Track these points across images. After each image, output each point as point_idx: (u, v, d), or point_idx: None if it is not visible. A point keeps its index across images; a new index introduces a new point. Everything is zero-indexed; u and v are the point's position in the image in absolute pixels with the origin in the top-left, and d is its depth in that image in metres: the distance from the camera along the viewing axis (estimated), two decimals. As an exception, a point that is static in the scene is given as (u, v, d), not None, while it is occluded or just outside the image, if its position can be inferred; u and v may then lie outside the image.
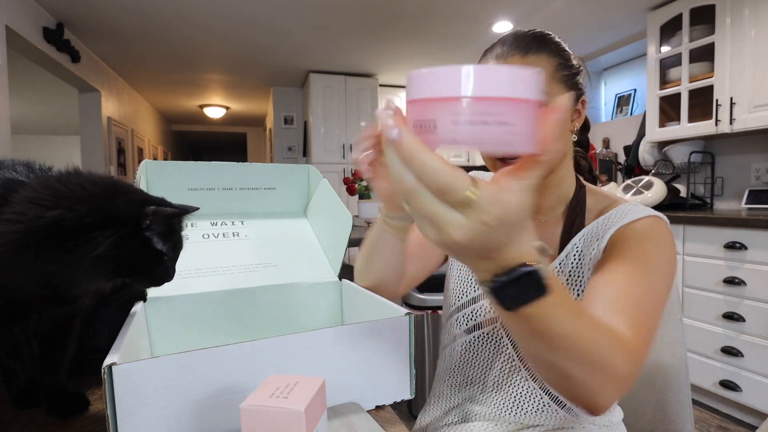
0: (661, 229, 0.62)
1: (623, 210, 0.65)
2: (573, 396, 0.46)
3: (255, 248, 0.88)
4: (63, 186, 0.49)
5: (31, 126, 6.71)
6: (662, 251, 0.59)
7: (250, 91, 5.12)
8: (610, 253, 0.61)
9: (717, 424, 1.99)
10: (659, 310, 0.56)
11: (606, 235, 0.63)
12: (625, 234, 0.61)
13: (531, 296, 0.36)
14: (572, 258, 0.67)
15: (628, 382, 0.46)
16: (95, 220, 0.48)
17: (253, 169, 0.93)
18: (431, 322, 1.98)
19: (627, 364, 0.45)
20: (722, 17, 2.32)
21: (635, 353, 0.48)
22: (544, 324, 0.39)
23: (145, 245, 0.52)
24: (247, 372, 0.50)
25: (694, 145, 2.62)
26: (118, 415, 0.43)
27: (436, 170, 0.30)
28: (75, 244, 0.47)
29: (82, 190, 0.49)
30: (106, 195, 0.50)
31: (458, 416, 0.77)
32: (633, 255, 0.58)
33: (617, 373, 0.45)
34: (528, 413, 0.69)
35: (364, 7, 2.83)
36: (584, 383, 0.44)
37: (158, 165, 0.83)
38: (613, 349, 0.44)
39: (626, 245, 0.60)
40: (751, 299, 1.90)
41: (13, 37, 2.52)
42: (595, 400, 0.45)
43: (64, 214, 0.46)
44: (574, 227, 0.68)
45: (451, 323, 0.79)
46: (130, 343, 0.52)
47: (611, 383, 0.45)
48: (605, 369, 0.44)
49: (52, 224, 0.46)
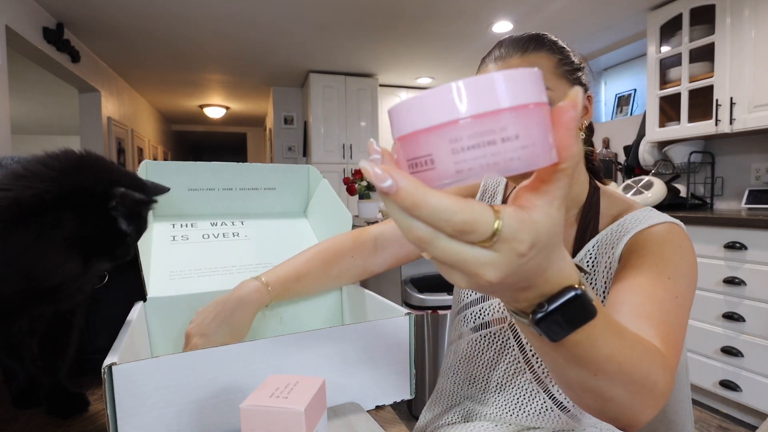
0: (680, 234, 0.59)
1: (638, 216, 0.63)
2: (611, 416, 0.43)
3: (255, 248, 0.88)
4: (22, 168, 0.48)
5: (31, 126, 6.71)
6: (683, 256, 0.56)
7: (250, 91, 5.12)
8: (627, 260, 0.58)
9: (717, 424, 1.99)
10: (686, 318, 0.52)
11: (621, 243, 0.61)
12: (641, 240, 0.59)
13: (580, 322, 0.33)
14: (585, 264, 0.65)
15: (666, 396, 0.44)
16: (55, 196, 0.46)
17: (253, 169, 0.93)
18: (431, 322, 1.98)
19: (665, 378, 0.43)
20: (722, 17, 2.32)
21: (670, 366, 0.45)
22: (588, 349, 0.35)
23: (109, 224, 0.51)
24: (247, 372, 0.50)
25: (694, 145, 2.62)
26: (118, 414, 0.43)
27: (450, 210, 0.25)
28: (40, 224, 0.46)
29: (44, 168, 0.48)
30: (70, 171, 0.48)
31: (459, 415, 0.77)
32: (654, 259, 0.55)
33: (657, 390, 0.42)
34: (530, 415, 0.69)
35: (364, 7, 2.83)
36: (626, 403, 0.41)
37: (158, 165, 0.83)
38: (654, 366, 0.42)
39: (644, 251, 0.57)
40: (751, 299, 1.90)
41: (13, 37, 2.52)
42: (637, 419, 0.43)
43: (21, 192, 0.45)
44: (588, 231, 0.66)
45: (459, 320, 0.79)
46: (130, 343, 0.52)
47: (652, 400, 0.42)
48: (646, 387, 0.41)
49: (9, 206, 0.44)
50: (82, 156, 0.52)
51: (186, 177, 0.87)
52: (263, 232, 0.92)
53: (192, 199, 0.88)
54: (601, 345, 0.36)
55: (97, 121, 3.87)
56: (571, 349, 0.35)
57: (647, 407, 0.42)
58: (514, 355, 0.70)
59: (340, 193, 3.93)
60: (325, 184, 0.94)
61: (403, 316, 0.59)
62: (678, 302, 0.51)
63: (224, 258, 0.84)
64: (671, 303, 0.50)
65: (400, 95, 4.68)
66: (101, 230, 0.50)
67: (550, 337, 0.33)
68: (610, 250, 0.62)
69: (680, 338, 0.50)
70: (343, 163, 4.36)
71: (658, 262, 0.54)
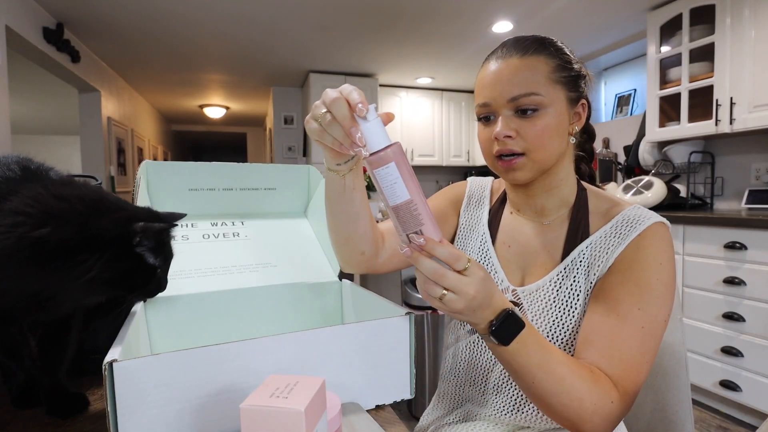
0: (663, 246, 0.62)
1: (628, 218, 0.65)
2: (563, 422, 0.55)
3: (255, 248, 0.88)
4: (53, 200, 0.49)
5: (31, 126, 6.71)
6: (659, 277, 0.61)
7: (250, 91, 5.12)
8: (612, 277, 0.63)
9: (717, 424, 1.99)
10: (654, 341, 0.59)
11: (614, 253, 0.63)
12: (629, 258, 0.62)
13: (516, 329, 0.51)
14: (578, 265, 0.67)
15: (615, 413, 0.54)
16: (79, 243, 0.47)
17: (253, 169, 0.93)
18: (431, 322, 1.98)
19: (605, 397, 0.54)
20: (722, 17, 2.33)
21: (618, 387, 0.56)
22: (523, 357, 0.52)
23: (137, 261, 0.52)
24: (247, 371, 0.50)
25: (694, 145, 2.62)
26: (118, 412, 0.44)
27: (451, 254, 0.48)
28: (61, 264, 0.47)
29: (71, 207, 0.49)
30: (91, 214, 0.49)
31: (459, 416, 0.77)
32: (631, 288, 0.60)
33: (597, 405, 0.53)
34: (526, 416, 0.69)
35: (364, 7, 2.83)
36: (564, 412, 0.53)
37: (158, 165, 0.83)
38: (586, 383, 0.53)
39: (628, 273, 0.61)
40: (751, 299, 1.90)
41: (13, 37, 2.52)
42: (582, 427, 0.54)
43: (50, 234, 0.46)
44: (579, 231, 0.69)
45: (455, 324, 0.80)
46: (130, 342, 0.52)
47: (592, 414, 0.53)
48: (580, 399, 0.53)
49: (36, 243, 0.46)
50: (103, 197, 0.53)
51: (186, 177, 0.87)
52: (263, 232, 0.92)
53: (192, 199, 0.88)
54: (531, 353, 0.52)
55: (97, 121, 3.87)
56: (514, 357, 0.52)
57: (588, 419, 0.53)
58: None
59: (340, 193, 3.92)
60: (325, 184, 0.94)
61: (403, 316, 0.59)
62: (644, 331, 0.59)
63: (224, 258, 0.84)
64: (636, 339, 0.58)
65: (400, 95, 4.68)
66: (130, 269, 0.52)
67: (502, 341, 0.51)
68: (603, 256, 0.65)
69: (643, 364, 0.58)
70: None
71: (633, 291, 0.60)
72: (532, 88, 0.63)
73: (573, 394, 0.53)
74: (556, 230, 0.71)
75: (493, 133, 0.66)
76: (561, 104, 0.66)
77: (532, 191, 0.72)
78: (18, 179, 0.52)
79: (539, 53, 0.66)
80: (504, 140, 0.65)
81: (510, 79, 0.64)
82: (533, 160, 0.65)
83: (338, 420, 0.44)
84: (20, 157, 0.56)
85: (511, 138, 0.65)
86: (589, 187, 0.74)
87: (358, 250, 0.71)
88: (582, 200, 0.71)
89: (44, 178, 0.55)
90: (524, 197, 0.74)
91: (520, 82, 0.64)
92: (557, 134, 0.66)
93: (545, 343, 0.54)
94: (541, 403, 0.55)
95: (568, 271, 0.67)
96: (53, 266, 0.47)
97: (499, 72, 0.66)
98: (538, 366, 0.52)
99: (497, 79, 0.66)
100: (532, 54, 0.65)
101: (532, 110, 0.64)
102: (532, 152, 0.65)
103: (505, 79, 0.65)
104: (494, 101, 0.66)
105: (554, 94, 0.65)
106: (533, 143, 0.64)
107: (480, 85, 0.69)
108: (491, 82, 0.66)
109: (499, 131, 0.65)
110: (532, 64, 0.65)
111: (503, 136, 0.65)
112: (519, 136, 0.64)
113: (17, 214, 0.47)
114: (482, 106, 0.68)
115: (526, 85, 0.64)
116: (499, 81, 0.65)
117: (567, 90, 0.66)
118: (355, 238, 0.69)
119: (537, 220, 0.73)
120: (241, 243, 0.88)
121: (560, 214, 0.72)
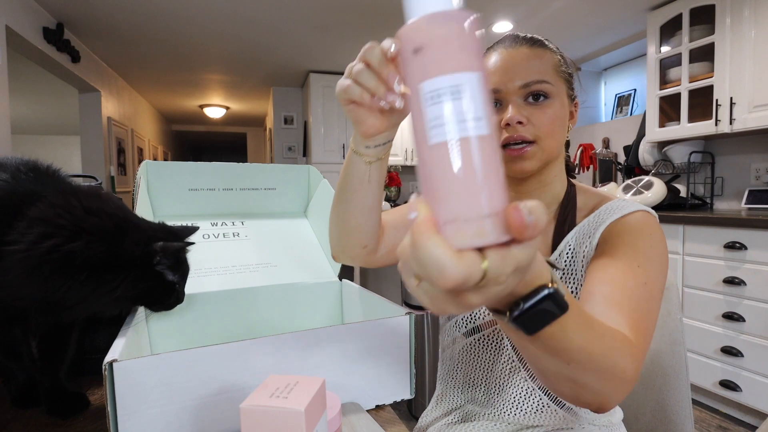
0: (652, 223, 0.62)
1: (613, 206, 0.66)
2: (584, 402, 0.46)
3: (255, 248, 0.88)
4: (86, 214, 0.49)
5: (31, 126, 6.71)
6: (654, 244, 0.60)
7: (250, 91, 5.12)
8: (602, 249, 0.61)
9: (717, 424, 1.99)
10: (656, 303, 0.56)
11: (597, 232, 0.63)
12: (616, 229, 0.62)
13: (552, 317, 0.34)
14: (565, 256, 0.67)
15: (635, 382, 0.47)
16: (106, 262, 0.49)
17: (253, 169, 0.93)
18: (431, 322, 1.98)
19: (633, 365, 0.46)
20: (722, 17, 2.32)
21: (638, 352, 0.49)
22: (561, 341, 0.38)
23: (158, 279, 0.54)
24: (247, 371, 0.50)
25: (694, 145, 2.62)
26: (118, 411, 0.44)
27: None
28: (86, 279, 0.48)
29: (101, 224, 0.50)
30: (117, 233, 0.51)
31: (459, 416, 0.77)
32: (625, 249, 0.59)
33: (626, 376, 0.45)
34: (528, 414, 0.69)
35: (364, 7, 2.83)
36: (597, 389, 0.44)
37: (159, 165, 0.83)
38: (622, 353, 0.45)
39: (618, 240, 0.60)
40: (751, 299, 1.90)
41: (13, 37, 2.52)
42: (606, 403, 0.46)
43: (82, 250, 0.47)
44: (566, 225, 0.69)
45: (450, 326, 0.79)
46: (130, 342, 0.52)
47: (621, 385, 0.45)
48: (616, 374, 0.44)
49: (66, 256, 0.47)
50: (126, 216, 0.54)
51: (186, 177, 0.87)
52: (263, 232, 0.93)
53: (192, 199, 0.88)
54: (572, 337, 0.38)
55: (97, 121, 3.87)
56: (546, 341, 0.38)
57: (616, 392, 0.45)
58: (509, 355, 0.70)
59: (340, 193, 3.93)
60: (325, 184, 0.94)
61: (403, 315, 0.59)
62: (647, 288, 0.55)
63: (224, 258, 0.84)
64: (640, 290, 0.54)
65: (400, 95, 4.67)
66: (152, 287, 0.53)
67: (526, 332, 0.34)
68: (587, 240, 0.65)
69: (650, 324, 0.53)
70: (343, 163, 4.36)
71: (628, 251, 0.58)
72: (543, 76, 0.64)
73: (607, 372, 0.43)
74: (546, 227, 0.71)
75: (503, 120, 0.64)
76: (564, 97, 0.67)
77: (526, 187, 0.71)
78: (30, 181, 0.53)
79: (544, 47, 0.67)
80: (516, 126, 0.63)
81: (522, 65, 0.64)
82: (542, 148, 0.65)
83: (338, 420, 0.44)
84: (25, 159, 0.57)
85: (523, 124, 0.63)
86: (577, 184, 0.74)
87: (361, 243, 0.67)
88: (570, 196, 0.71)
89: (57, 180, 0.56)
90: (517, 195, 0.73)
91: (533, 69, 0.64)
92: (562, 125, 0.67)
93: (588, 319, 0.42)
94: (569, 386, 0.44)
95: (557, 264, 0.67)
96: (79, 279, 0.48)
97: (510, 59, 0.65)
98: (578, 349, 0.40)
99: (508, 65, 0.65)
100: (539, 46, 0.66)
101: (543, 97, 0.64)
102: (543, 140, 0.64)
103: (517, 65, 0.64)
104: (505, 87, 0.64)
105: (559, 86, 0.66)
106: (544, 130, 0.64)
107: None
108: (501, 69, 0.65)
109: (512, 116, 0.63)
110: (540, 54, 0.66)
111: (516, 121, 0.63)
112: (530, 123, 0.64)
113: (48, 224, 0.47)
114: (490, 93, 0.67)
115: (537, 73, 0.64)
116: (511, 67, 0.64)
117: (567, 86, 0.68)
118: (363, 231, 0.65)
119: None
120: (241, 243, 0.88)
121: (550, 211, 0.72)
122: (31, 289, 0.48)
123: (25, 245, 0.46)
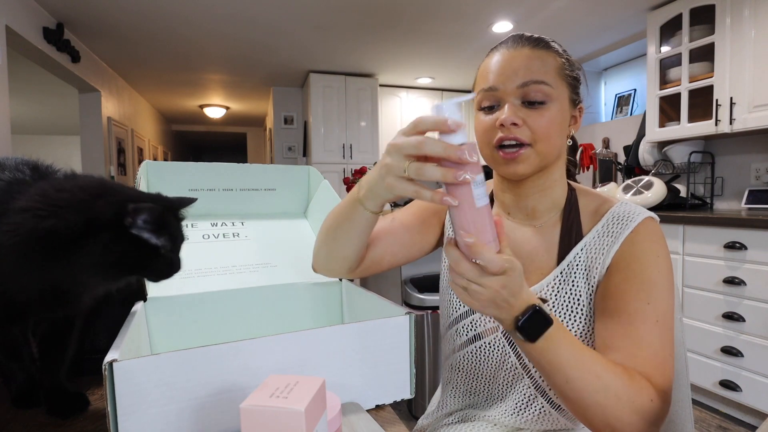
0: (655, 238, 0.63)
1: (619, 215, 0.65)
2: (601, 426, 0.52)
3: (255, 249, 0.88)
4: (56, 193, 0.49)
5: (31, 126, 6.71)
6: (660, 267, 0.61)
7: (250, 91, 5.12)
8: (614, 279, 0.62)
9: (717, 424, 1.99)
10: (669, 332, 0.58)
11: (609, 253, 0.63)
12: (627, 255, 0.62)
13: (544, 326, 0.50)
14: (575, 269, 0.66)
15: (656, 412, 0.52)
16: (81, 227, 0.48)
17: (253, 170, 0.93)
18: (431, 322, 1.98)
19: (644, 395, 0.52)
20: (722, 17, 2.32)
21: (658, 386, 0.54)
22: (554, 354, 0.50)
23: (137, 243, 0.51)
24: (247, 371, 0.50)
25: (694, 145, 2.62)
26: (118, 411, 0.44)
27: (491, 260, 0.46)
28: (71, 252, 0.48)
29: (72, 196, 0.49)
30: (90, 199, 0.50)
31: (459, 417, 0.77)
32: (636, 286, 0.60)
33: (636, 403, 0.51)
34: (528, 419, 0.69)
35: (363, 7, 2.84)
36: (601, 413, 0.51)
37: (159, 165, 0.84)
38: (622, 379, 0.51)
39: (629, 272, 0.61)
40: (751, 299, 1.90)
41: (13, 37, 2.52)
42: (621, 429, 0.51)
43: (57, 223, 0.47)
44: (573, 232, 0.68)
45: (451, 334, 0.78)
46: (130, 342, 0.52)
47: (631, 412, 0.51)
48: (617, 397, 0.51)
49: (47, 235, 0.47)
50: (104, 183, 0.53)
51: (186, 177, 0.87)
52: (263, 232, 0.93)
53: (192, 199, 0.88)
54: (562, 351, 0.51)
55: (97, 121, 3.87)
56: (544, 354, 0.51)
57: (627, 419, 0.51)
58: (512, 363, 0.69)
59: (340, 193, 3.93)
60: (325, 184, 0.94)
61: (403, 315, 0.59)
62: (659, 325, 0.58)
63: (224, 258, 0.84)
64: (653, 333, 0.57)
65: (400, 95, 4.68)
66: (130, 250, 0.51)
67: (528, 338, 0.50)
68: (600, 257, 0.64)
69: (667, 357, 0.57)
70: (343, 163, 4.36)
71: (639, 289, 0.60)
72: (542, 77, 0.62)
73: (610, 392, 0.51)
74: (549, 233, 0.70)
75: (498, 120, 0.63)
76: (565, 102, 0.65)
77: (525, 191, 0.70)
78: (28, 181, 0.53)
79: (548, 49, 0.65)
80: (510, 128, 0.62)
81: (522, 65, 0.63)
82: (537, 152, 0.63)
83: (338, 420, 0.44)
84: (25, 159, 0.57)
85: (518, 126, 0.62)
86: (577, 186, 0.73)
87: (347, 266, 0.70)
88: (573, 201, 0.70)
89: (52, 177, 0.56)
90: (515, 198, 0.71)
91: (532, 70, 0.63)
92: (560, 130, 0.65)
93: (575, 341, 0.52)
94: (577, 406, 0.52)
95: (565, 275, 0.66)
96: (63, 256, 0.48)
97: (510, 59, 0.64)
98: (569, 364, 0.50)
99: (507, 65, 0.64)
100: (542, 48, 0.65)
101: (539, 102, 0.62)
102: (538, 143, 0.63)
103: (516, 65, 0.63)
104: (503, 86, 0.63)
105: (561, 90, 0.64)
106: (540, 134, 0.62)
107: (485, 71, 0.66)
108: (501, 68, 0.64)
109: (507, 117, 0.62)
110: (542, 56, 0.64)
111: (510, 122, 0.62)
112: (525, 125, 0.62)
113: (25, 211, 0.48)
114: (488, 91, 0.64)
115: (537, 73, 0.62)
116: (510, 66, 0.63)
117: (570, 90, 0.66)
118: (351, 259, 0.68)
119: (528, 223, 0.72)
120: (241, 243, 0.88)
121: (552, 216, 0.70)
122: (27, 279, 0.48)
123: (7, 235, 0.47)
